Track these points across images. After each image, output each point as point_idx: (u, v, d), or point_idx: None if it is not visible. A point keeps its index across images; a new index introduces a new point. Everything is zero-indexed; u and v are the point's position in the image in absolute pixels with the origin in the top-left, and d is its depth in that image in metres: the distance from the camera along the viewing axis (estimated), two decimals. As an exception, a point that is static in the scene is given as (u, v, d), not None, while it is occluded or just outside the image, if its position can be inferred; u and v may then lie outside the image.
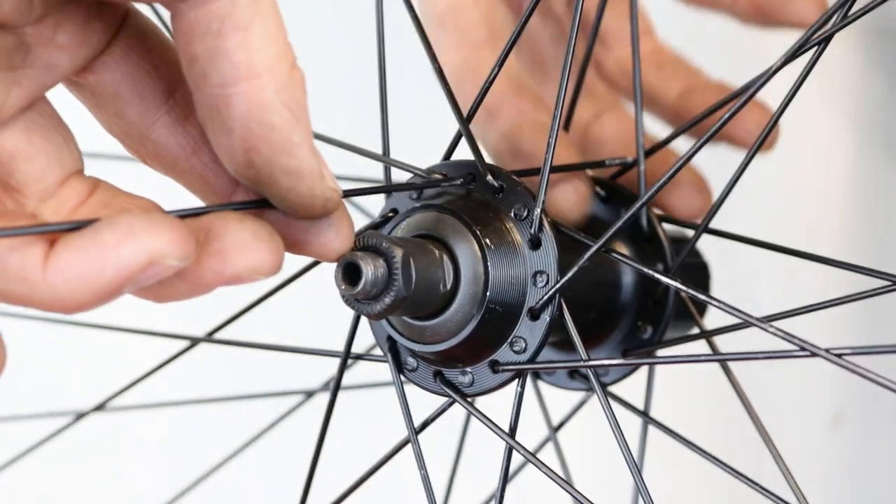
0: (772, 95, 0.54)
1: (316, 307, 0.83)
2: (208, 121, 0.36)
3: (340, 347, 0.52)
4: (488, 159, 0.52)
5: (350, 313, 0.50)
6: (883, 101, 1.00)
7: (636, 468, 0.45)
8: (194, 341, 0.60)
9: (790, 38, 0.47)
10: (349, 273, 0.42)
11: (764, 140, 0.48)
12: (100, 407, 0.64)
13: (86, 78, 0.37)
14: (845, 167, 1.02)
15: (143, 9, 0.38)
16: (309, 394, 0.66)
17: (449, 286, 0.45)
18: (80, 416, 0.65)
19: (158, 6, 0.35)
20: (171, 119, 0.38)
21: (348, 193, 0.46)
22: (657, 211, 0.58)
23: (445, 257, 0.45)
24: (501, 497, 0.47)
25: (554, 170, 0.49)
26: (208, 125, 0.36)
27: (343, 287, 0.42)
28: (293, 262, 0.54)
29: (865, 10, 0.45)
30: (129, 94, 0.37)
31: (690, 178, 0.57)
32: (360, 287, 0.42)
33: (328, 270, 0.52)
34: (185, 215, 0.37)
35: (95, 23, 0.36)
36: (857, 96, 1.01)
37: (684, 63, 0.62)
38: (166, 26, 0.38)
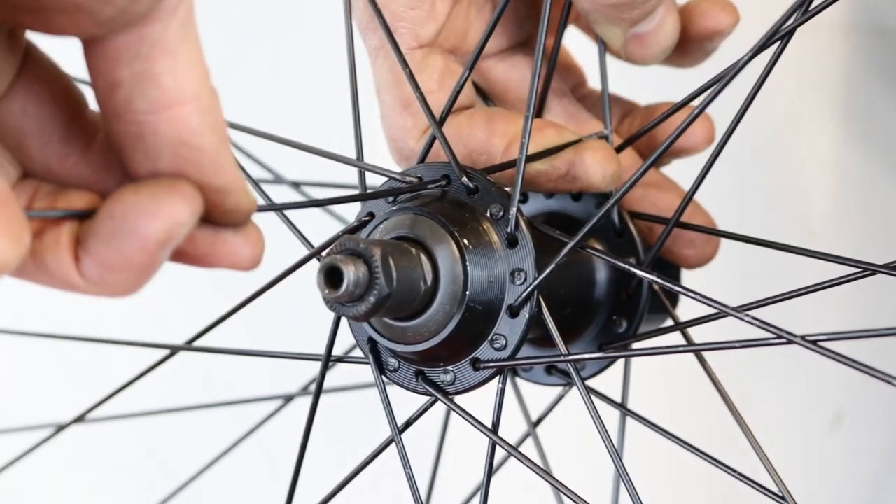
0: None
1: (294, 313, 0.83)
2: (129, 148, 0.36)
3: (320, 351, 0.52)
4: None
5: (328, 317, 0.50)
6: (875, 98, 1.01)
7: (617, 456, 0.46)
8: (174, 350, 0.60)
9: (760, 33, 0.48)
10: (331, 277, 0.43)
11: (728, 137, 0.49)
12: (79, 419, 0.64)
13: None
14: (836, 164, 1.04)
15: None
16: (288, 398, 0.66)
17: (429, 282, 0.46)
18: (60, 428, 0.65)
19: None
20: (71, 150, 0.38)
21: (324, 203, 0.47)
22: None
23: (423, 256, 0.46)
24: (486, 492, 0.48)
25: (529, 159, 0.50)
26: (129, 153, 0.36)
27: (326, 292, 0.43)
28: (269, 268, 0.54)
29: (826, 5, 0.46)
30: (30, 127, 0.37)
31: (701, 220, 0.57)
32: (342, 290, 0.42)
33: (303, 277, 0.53)
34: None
35: (7, 56, 0.36)
36: (848, 94, 1.02)
37: None
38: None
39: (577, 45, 0.61)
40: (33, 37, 0.36)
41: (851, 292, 0.50)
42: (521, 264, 0.47)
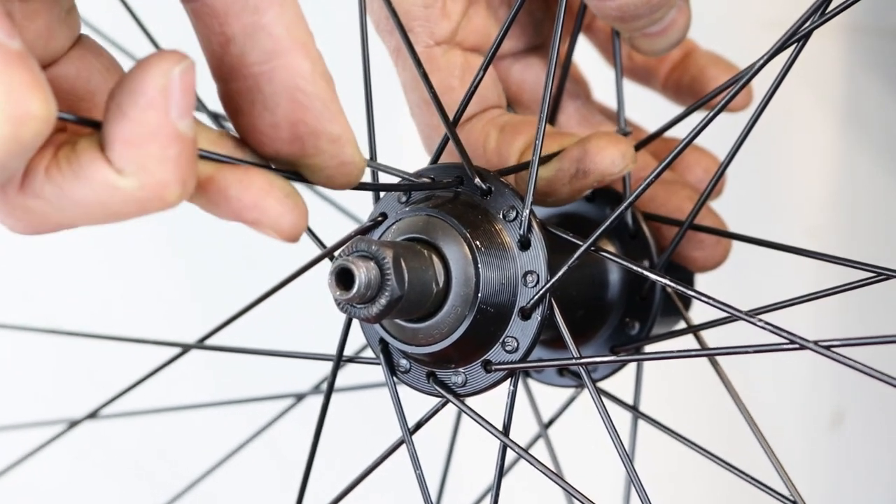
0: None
1: (306, 312, 0.83)
2: (248, 104, 0.37)
3: (331, 350, 0.52)
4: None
5: (340, 316, 0.50)
6: (877, 99, 1.01)
7: (628, 459, 0.46)
8: (185, 348, 0.60)
9: (774, 38, 0.48)
10: (342, 279, 0.43)
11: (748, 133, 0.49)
12: (92, 415, 0.64)
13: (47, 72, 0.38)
14: (839, 165, 1.03)
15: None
16: (299, 396, 0.66)
17: (441, 284, 0.46)
18: (72, 424, 0.65)
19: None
20: None
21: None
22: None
23: (435, 258, 0.46)
24: (497, 494, 0.48)
25: (542, 161, 0.50)
26: (247, 108, 0.37)
27: (338, 293, 0.43)
28: (281, 268, 0.54)
29: (843, 7, 0.45)
30: (83, 90, 0.38)
31: (711, 223, 0.57)
32: (354, 291, 0.42)
33: (316, 276, 0.53)
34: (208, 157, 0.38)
35: (63, 29, 0.37)
36: (850, 95, 1.02)
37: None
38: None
39: (583, 55, 0.61)
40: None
41: (849, 293, 0.50)
42: (533, 266, 0.46)
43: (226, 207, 0.38)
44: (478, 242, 0.46)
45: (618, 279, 0.55)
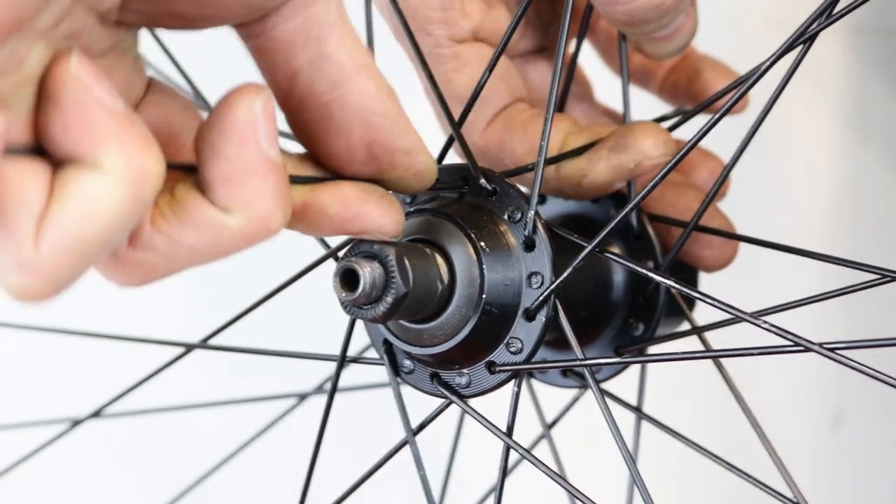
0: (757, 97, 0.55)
1: (310, 312, 0.83)
2: (322, 132, 0.38)
3: (335, 350, 0.52)
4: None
5: (344, 315, 0.50)
6: (880, 100, 1.01)
7: (632, 461, 0.46)
8: (189, 348, 0.60)
9: (776, 36, 0.48)
10: (347, 279, 0.43)
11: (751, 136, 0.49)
12: (96, 414, 0.64)
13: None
14: (842, 167, 1.03)
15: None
16: (302, 396, 0.66)
17: (446, 284, 0.46)
18: (75, 423, 0.65)
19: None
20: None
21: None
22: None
23: (439, 258, 0.46)
24: (500, 494, 0.48)
25: (548, 162, 0.50)
26: (321, 135, 0.38)
27: (343, 294, 0.43)
28: (285, 268, 0.54)
29: (850, 9, 0.45)
30: (167, 134, 0.39)
31: (719, 224, 0.57)
32: (359, 291, 0.42)
33: (320, 275, 0.53)
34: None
35: (137, 74, 0.38)
36: (853, 96, 1.02)
37: None
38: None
39: (584, 57, 0.61)
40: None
41: (852, 295, 0.50)
42: (538, 267, 0.46)
43: (329, 225, 0.39)
44: (482, 243, 0.46)
45: (622, 280, 0.55)
